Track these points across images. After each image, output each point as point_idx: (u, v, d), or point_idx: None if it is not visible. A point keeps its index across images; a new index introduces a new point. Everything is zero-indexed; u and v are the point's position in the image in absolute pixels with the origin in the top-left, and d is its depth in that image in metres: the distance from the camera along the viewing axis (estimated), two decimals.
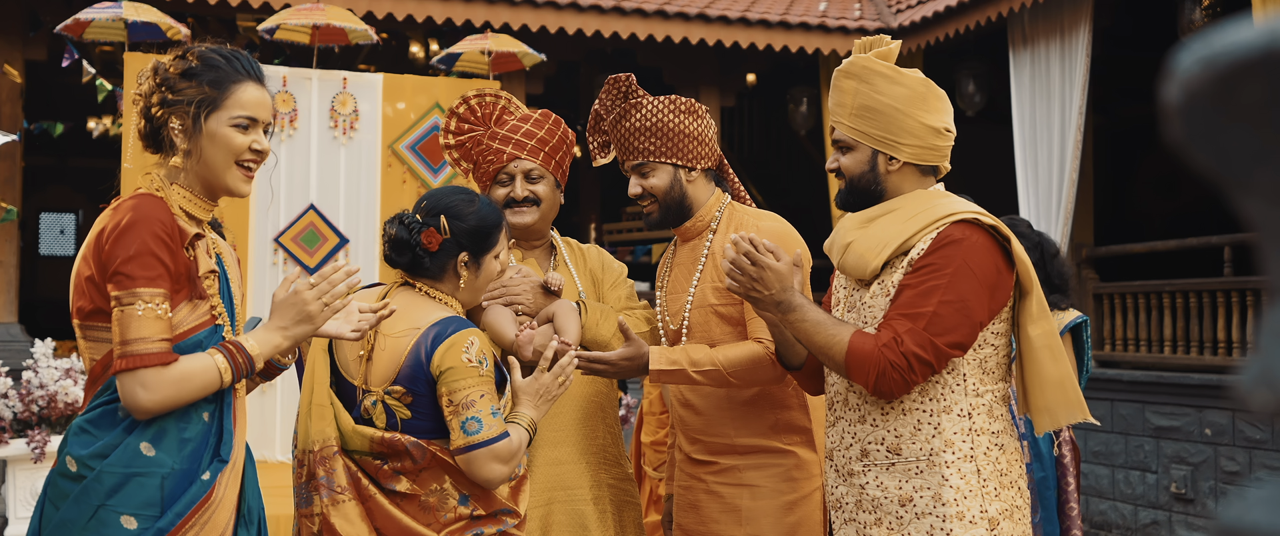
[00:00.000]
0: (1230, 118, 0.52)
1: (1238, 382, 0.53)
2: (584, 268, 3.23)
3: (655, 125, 2.98)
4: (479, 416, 2.45)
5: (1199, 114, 0.53)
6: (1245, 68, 0.50)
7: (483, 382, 2.48)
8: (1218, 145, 0.53)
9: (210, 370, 2.19)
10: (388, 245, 2.59)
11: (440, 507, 2.50)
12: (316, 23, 6.99)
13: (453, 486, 2.52)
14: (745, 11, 9.32)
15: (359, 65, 10.65)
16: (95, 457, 2.15)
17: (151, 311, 2.13)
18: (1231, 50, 0.50)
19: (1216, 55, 0.51)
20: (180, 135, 2.25)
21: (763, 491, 2.96)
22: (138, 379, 2.12)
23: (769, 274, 2.46)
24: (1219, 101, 0.51)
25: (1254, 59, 0.49)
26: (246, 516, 2.35)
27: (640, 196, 3.04)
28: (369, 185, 7.02)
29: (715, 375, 2.85)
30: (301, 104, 6.89)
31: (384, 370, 2.53)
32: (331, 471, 2.49)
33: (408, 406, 2.51)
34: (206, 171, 2.28)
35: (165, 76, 2.26)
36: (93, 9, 6.70)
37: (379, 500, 2.48)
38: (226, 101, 2.28)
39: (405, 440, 2.48)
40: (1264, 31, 0.49)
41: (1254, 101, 0.50)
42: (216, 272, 2.32)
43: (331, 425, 2.52)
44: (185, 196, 2.28)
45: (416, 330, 2.52)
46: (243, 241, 6.75)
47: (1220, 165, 0.54)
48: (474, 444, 2.45)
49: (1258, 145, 0.51)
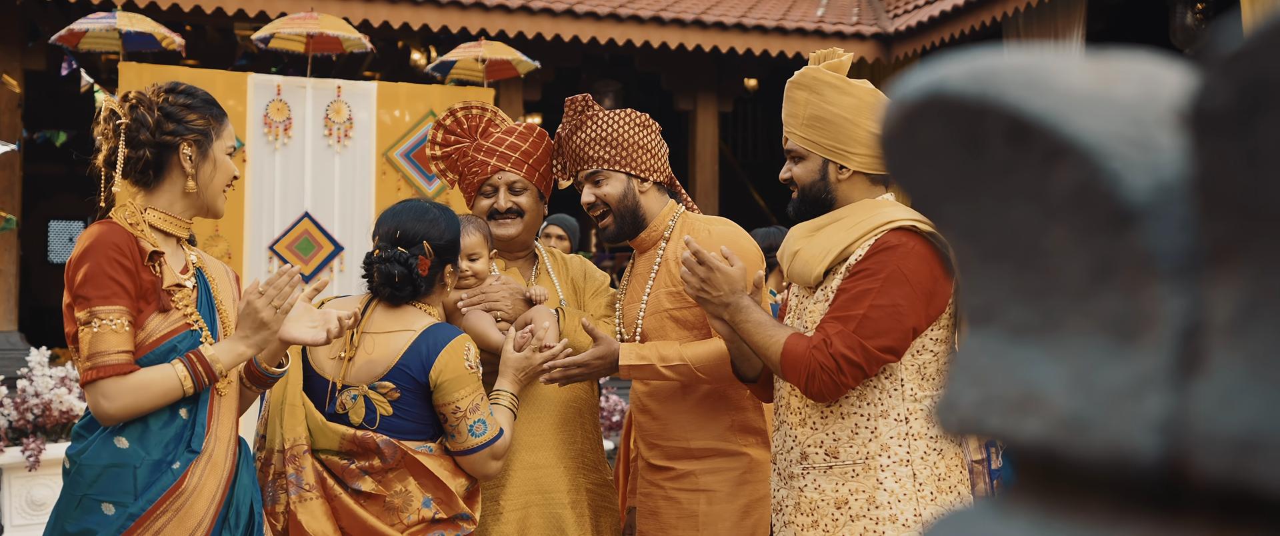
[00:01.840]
0: (915, 156, 0.54)
1: (933, 406, 0.56)
2: (566, 277, 3.28)
3: (608, 135, 3.02)
4: (483, 418, 2.66)
5: (893, 149, 0.55)
6: (920, 109, 0.52)
7: (480, 386, 2.69)
8: (911, 180, 0.55)
9: (170, 379, 2.38)
10: (389, 285, 2.69)
11: (404, 509, 2.60)
12: (311, 32, 7.03)
13: (417, 488, 2.61)
14: (742, 17, 9.34)
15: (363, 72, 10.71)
16: (80, 454, 2.39)
17: (108, 327, 2.33)
18: (912, 91, 0.53)
19: (903, 95, 0.53)
20: (189, 161, 2.49)
21: (718, 496, 2.99)
22: (99, 389, 2.33)
23: (718, 276, 2.52)
24: (906, 139, 0.54)
25: (925, 102, 0.52)
26: (232, 519, 2.47)
27: (593, 206, 3.07)
28: (363, 193, 7.07)
29: (683, 370, 2.89)
30: (296, 112, 6.95)
31: (372, 367, 2.65)
32: (300, 469, 2.60)
33: (393, 402, 2.62)
34: (206, 195, 2.54)
35: (170, 109, 2.50)
36: (88, 19, 6.76)
37: (344, 499, 2.58)
38: (224, 132, 2.56)
39: (377, 438, 2.59)
40: (934, 77, 0.52)
41: (930, 142, 0.53)
42: (190, 285, 2.51)
43: (302, 424, 2.63)
44: (163, 217, 2.50)
45: (410, 331, 2.66)
46: (238, 249, 6.81)
47: (916, 198, 0.56)
48: (482, 444, 2.66)
49: (941, 183, 0.53)
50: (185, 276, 2.51)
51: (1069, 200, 0.47)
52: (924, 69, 0.55)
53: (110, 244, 2.36)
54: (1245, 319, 0.42)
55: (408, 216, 2.72)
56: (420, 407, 2.65)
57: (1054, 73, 0.49)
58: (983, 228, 0.53)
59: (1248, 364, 0.41)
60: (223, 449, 2.48)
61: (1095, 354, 0.47)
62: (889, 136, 0.55)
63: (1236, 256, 0.42)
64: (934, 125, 0.52)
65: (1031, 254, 0.50)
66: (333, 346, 2.70)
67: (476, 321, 2.97)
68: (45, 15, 8.40)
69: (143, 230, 2.45)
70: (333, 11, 8.00)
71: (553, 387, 3.06)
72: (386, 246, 2.70)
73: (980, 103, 0.49)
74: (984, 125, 0.50)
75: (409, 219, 2.72)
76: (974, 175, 0.51)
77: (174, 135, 2.49)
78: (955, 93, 0.50)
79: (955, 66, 0.51)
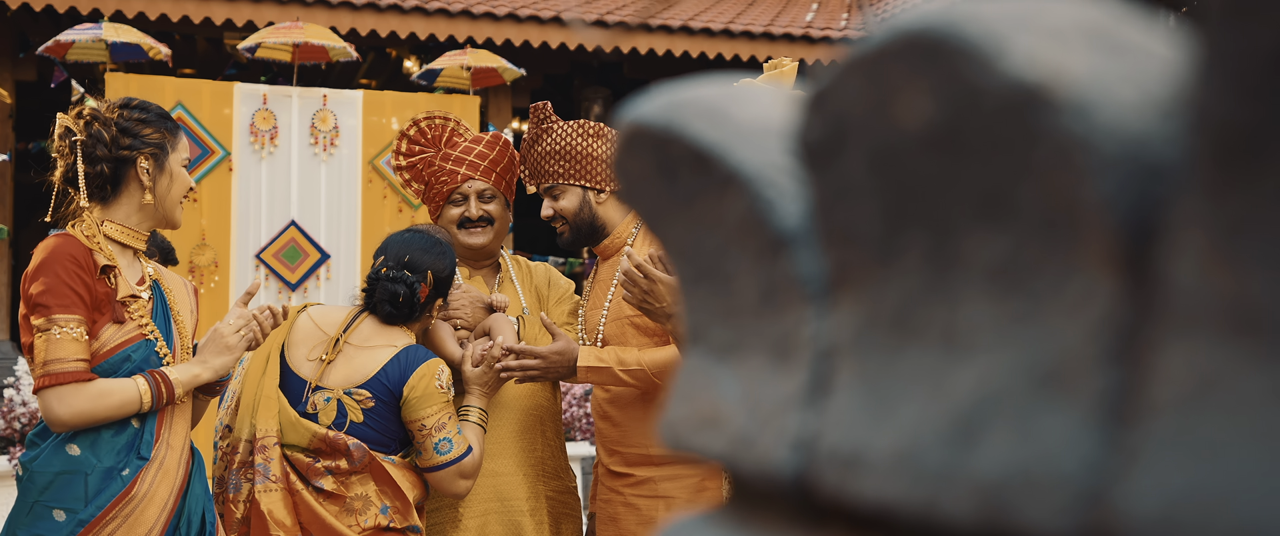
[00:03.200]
0: (630, 183, 0.56)
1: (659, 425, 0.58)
2: (530, 284, 3.31)
3: (563, 149, 3.06)
4: (449, 437, 2.74)
5: (618, 175, 0.57)
6: (627, 140, 0.55)
7: (449, 406, 2.76)
8: (633, 204, 0.57)
9: (130, 391, 2.43)
10: (391, 304, 2.80)
11: (362, 512, 2.70)
12: (296, 41, 7.07)
13: (376, 495, 2.70)
14: (729, 24, 9.37)
15: (359, 81, 10.75)
16: (33, 462, 2.43)
17: (67, 334, 2.37)
18: (623, 122, 0.55)
19: (619, 124, 0.56)
20: (146, 175, 2.54)
21: (677, 503, 3.00)
22: (54, 394, 2.37)
23: (660, 287, 2.54)
24: (622, 167, 0.56)
25: (630, 133, 0.54)
26: (184, 527, 2.52)
27: (552, 218, 3.11)
28: (350, 201, 7.11)
29: (641, 376, 2.91)
30: (282, 121, 6.98)
31: (350, 374, 2.74)
32: (268, 460, 2.68)
33: (365, 411, 2.71)
34: (164, 207, 2.59)
35: (125, 124, 2.55)
36: (74, 30, 6.81)
37: (304, 495, 2.67)
38: (179, 144, 2.62)
39: (347, 440, 2.67)
40: (638, 108, 0.54)
41: (639, 171, 0.55)
42: (146, 296, 2.56)
43: (275, 418, 2.71)
44: (120, 229, 2.55)
45: (392, 347, 2.77)
46: (225, 257, 6.85)
47: (642, 220, 0.58)
48: (447, 462, 2.74)
49: (652, 208, 0.56)
50: (141, 288, 2.56)
51: (739, 227, 0.50)
52: (643, 98, 0.57)
53: (67, 256, 2.42)
54: (859, 340, 0.44)
55: (418, 245, 2.85)
56: (389, 420, 2.74)
57: (732, 103, 0.51)
58: (686, 251, 0.55)
59: (862, 384, 0.43)
60: (175, 457, 2.52)
61: (762, 373, 0.49)
62: (614, 163, 0.57)
63: (850, 281, 0.44)
64: (639, 154, 0.54)
65: (720, 277, 0.53)
66: (313, 349, 2.79)
67: (435, 332, 3.01)
68: (36, 26, 8.45)
69: (98, 242, 2.50)
70: (320, 20, 8.04)
71: (513, 395, 3.08)
72: (395, 268, 2.80)
73: (666, 133, 0.52)
74: (671, 155, 0.52)
75: (419, 248, 2.84)
76: (672, 202, 0.54)
77: (130, 149, 2.54)
78: (649, 124, 0.53)
79: (658, 97, 0.54)
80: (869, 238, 0.42)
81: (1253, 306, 0.29)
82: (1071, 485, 0.33)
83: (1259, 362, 0.29)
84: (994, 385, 0.36)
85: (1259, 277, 0.28)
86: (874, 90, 0.38)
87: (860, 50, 0.39)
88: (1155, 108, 0.33)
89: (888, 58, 0.37)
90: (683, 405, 0.55)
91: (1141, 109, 0.33)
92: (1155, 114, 0.33)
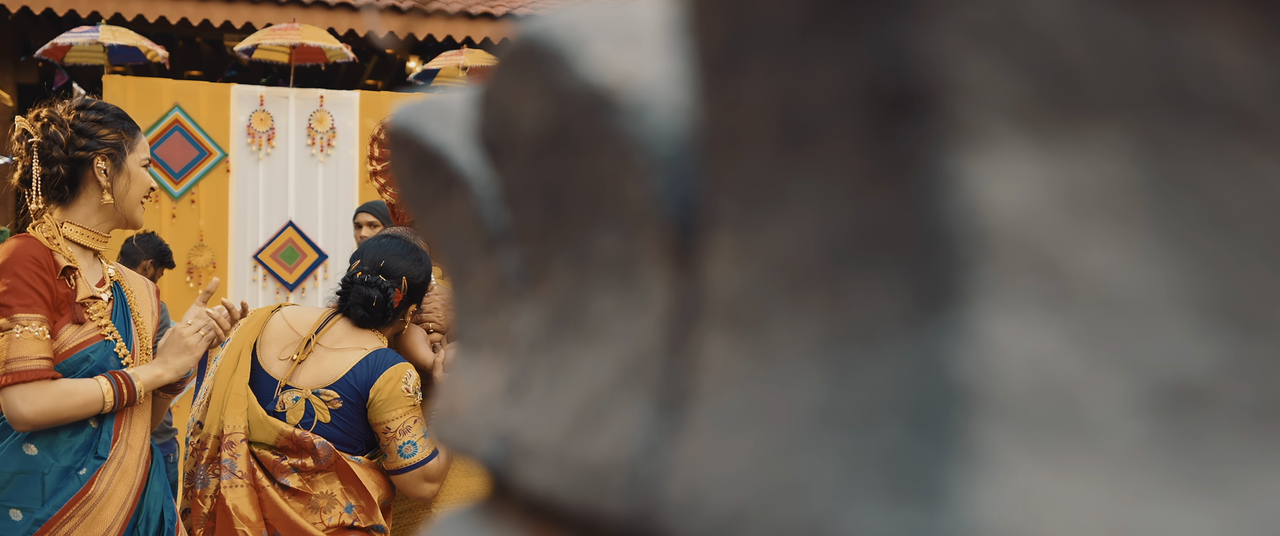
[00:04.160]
0: (398, 180, 0.58)
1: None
2: None
3: None
4: (414, 440, 2.75)
5: (392, 170, 0.59)
6: (388, 139, 0.56)
7: (415, 410, 2.77)
8: (406, 200, 0.59)
9: (94, 392, 2.45)
10: (364, 307, 2.82)
11: (327, 510, 2.72)
12: (293, 42, 7.11)
13: (341, 493, 2.72)
14: None
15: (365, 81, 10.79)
16: None
17: (30, 333, 2.39)
18: (388, 120, 0.56)
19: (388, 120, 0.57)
20: (104, 175, 2.55)
21: None
22: (18, 392, 2.38)
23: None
24: (392, 165, 0.58)
25: (389, 133, 0.56)
26: (142, 526, 2.54)
27: None
28: (347, 201, 7.13)
29: None
30: (279, 122, 7.02)
31: (319, 375, 2.76)
32: (236, 456, 2.71)
33: (333, 412, 2.73)
34: (123, 207, 2.60)
35: (81, 125, 2.56)
36: (72, 33, 6.86)
37: (270, 492, 2.69)
38: (137, 145, 2.63)
39: (314, 439, 2.69)
40: (396, 109, 0.56)
41: (401, 169, 0.56)
42: (106, 298, 2.58)
43: (244, 416, 2.74)
44: (80, 231, 2.57)
45: (361, 350, 2.79)
46: (223, 258, 6.88)
47: (414, 216, 0.60)
48: (411, 465, 2.75)
49: (415, 205, 0.57)
50: (101, 289, 2.58)
51: (466, 225, 0.51)
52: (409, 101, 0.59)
53: (29, 257, 2.44)
54: (545, 334, 0.45)
55: (394, 250, 2.88)
56: (355, 421, 2.77)
57: (466, 103, 0.52)
58: (444, 249, 0.56)
59: (543, 377, 0.45)
60: (134, 457, 2.55)
61: (484, 367, 0.51)
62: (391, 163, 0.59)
63: (537, 277, 0.45)
64: (399, 154, 0.56)
65: (464, 274, 0.54)
66: (285, 348, 2.81)
67: (408, 337, 3.03)
68: (37, 29, 8.51)
69: (59, 244, 2.52)
70: (318, 22, 8.07)
71: None
72: (370, 273, 2.83)
73: (406, 135, 0.53)
74: (414, 155, 0.53)
75: (395, 253, 2.87)
76: (426, 202, 0.55)
77: (87, 150, 2.55)
78: (398, 124, 0.54)
79: (414, 99, 0.55)
80: (537, 233, 0.43)
81: (746, 300, 0.30)
82: (633, 470, 0.34)
83: (754, 355, 0.30)
84: (604, 376, 0.38)
85: (749, 274, 0.30)
86: (510, 92, 0.40)
87: (501, 50, 0.40)
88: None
89: (509, 60, 0.39)
90: (442, 399, 0.57)
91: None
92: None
